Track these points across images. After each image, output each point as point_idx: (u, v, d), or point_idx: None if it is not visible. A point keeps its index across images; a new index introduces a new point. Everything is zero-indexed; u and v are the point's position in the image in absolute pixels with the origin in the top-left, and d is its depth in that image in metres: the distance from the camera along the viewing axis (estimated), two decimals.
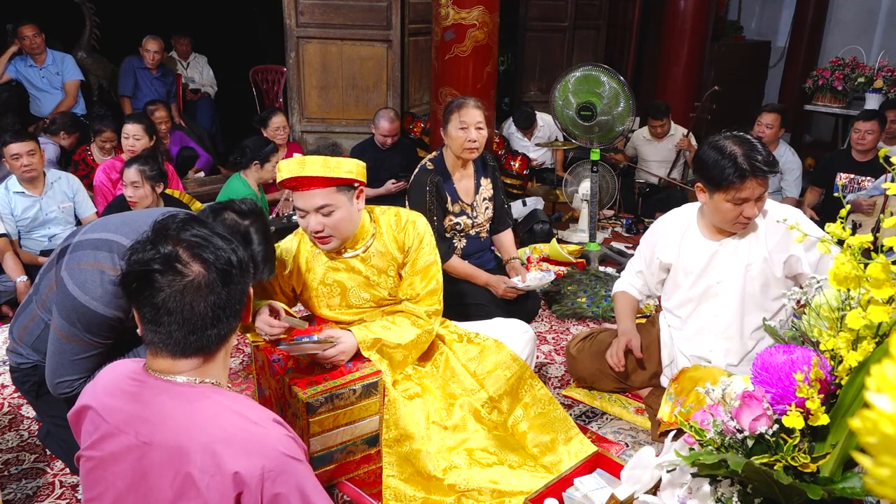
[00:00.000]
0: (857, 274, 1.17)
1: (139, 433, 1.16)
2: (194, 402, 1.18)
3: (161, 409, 1.17)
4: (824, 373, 1.26)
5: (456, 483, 1.93)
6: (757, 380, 1.34)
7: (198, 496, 1.12)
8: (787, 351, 1.33)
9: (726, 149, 2.08)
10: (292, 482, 1.15)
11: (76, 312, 1.76)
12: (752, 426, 1.29)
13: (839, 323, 1.29)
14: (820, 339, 1.33)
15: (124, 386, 1.22)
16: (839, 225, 1.25)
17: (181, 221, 1.22)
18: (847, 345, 1.25)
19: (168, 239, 1.18)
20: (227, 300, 1.19)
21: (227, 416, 1.17)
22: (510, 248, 3.17)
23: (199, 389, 1.20)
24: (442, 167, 2.95)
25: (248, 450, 1.13)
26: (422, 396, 2.12)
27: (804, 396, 1.24)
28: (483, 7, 4.26)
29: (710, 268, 2.27)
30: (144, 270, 1.15)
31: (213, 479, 1.11)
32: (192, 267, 1.16)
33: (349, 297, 2.19)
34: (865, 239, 1.20)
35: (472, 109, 2.86)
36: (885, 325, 1.21)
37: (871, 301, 1.18)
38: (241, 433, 1.15)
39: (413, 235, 2.18)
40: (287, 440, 1.18)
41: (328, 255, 2.17)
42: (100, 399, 1.23)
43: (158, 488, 1.14)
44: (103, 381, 1.26)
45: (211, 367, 1.23)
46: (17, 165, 3.43)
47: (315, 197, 1.98)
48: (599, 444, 2.27)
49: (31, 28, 4.90)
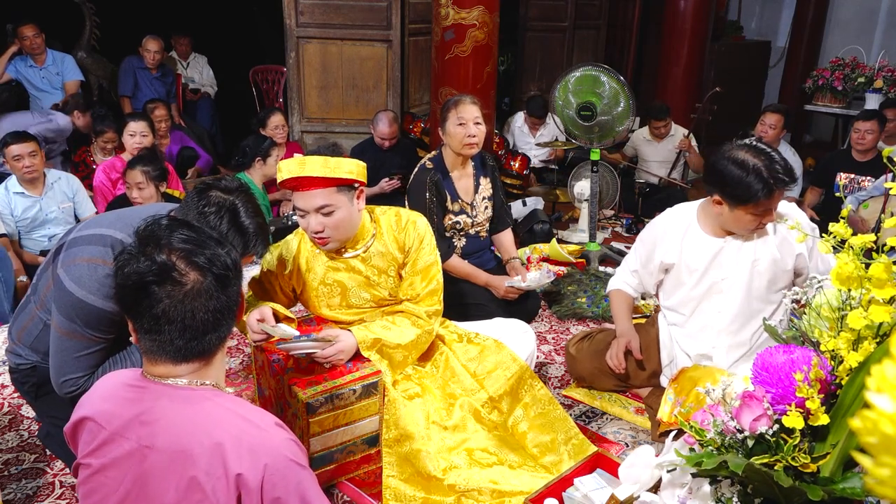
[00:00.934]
0: (858, 274, 1.17)
1: (140, 437, 1.15)
2: (196, 405, 1.17)
3: (163, 412, 1.16)
4: (824, 373, 1.26)
5: (456, 483, 1.93)
6: (757, 380, 1.34)
7: (204, 499, 1.12)
8: (787, 351, 1.33)
9: (748, 163, 2.04)
10: (293, 487, 1.15)
11: (74, 308, 1.76)
12: (752, 426, 1.29)
13: (840, 323, 1.29)
14: (820, 340, 1.33)
15: (123, 392, 1.21)
16: (842, 224, 1.25)
17: (168, 227, 1.20)
18: (848, 345, 1.25)
19: (160, 248, 1.16)
20: (226, 303, 1.19)
21: (230, 418, 1.16)
22: (510, 248, 3.17)
23: (199, 392, 1.20)
24: (441, 166, 2.95)
25: (251, 452, 1.13)
26: (422, 396, 2.12)
27: (804, 396, 1.24)
28: (483, 7, 4.26)
29: (716, 265, 2.27)
30: (141, 283, 1.13)
31: (219, 482, 1.11)
32: (189, 275, 1.15)
33: (349, 297, 2.19)
34: (867, 239, 1.20)
35: (469, 105, 2.86)
36: (885, 325, 1.21)
37: (872, 301, 1.18)
38: (244, 436, 1.14)
39: (413, 236, 2.18)
40: (290, 444, 1.18)
41: (328, 255, 2.16)
42: (97, 407, 1.22)
43: (161, 492, 1.14)
44: (100, 391, 1.25)
45: (210, 370, 1.23)
46: (18, 166, 3.43)
47: (315, 197, 1.97)
48: (599, 444, 2.27)
49: (32, 28, 4.90)
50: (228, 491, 1.11)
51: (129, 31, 5.62)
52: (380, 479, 2.00)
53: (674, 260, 2.35)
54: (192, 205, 1.78)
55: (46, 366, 1.96)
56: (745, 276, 2.23)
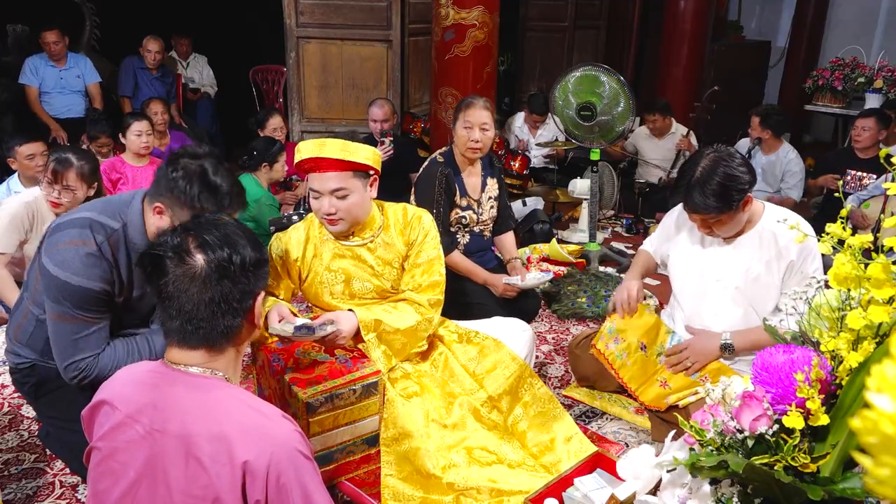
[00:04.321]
0: (857, 274, 1.17)
1: (152, 421, 1.19)
2: (208, 393, 1.22)
3: (176, 398, 1.20)
4: (825, 373, 1.26)
5: (455, 482, 1.93)
6: (757, 380, 1.34)
7: (209, 485, 1.14)
8: (787, 351, 1.33)
9: (686, 172, 2.19)
10: (296, 476, 1.17)
11: (60, 291, 1.78)
12: (752, 426, 1.29)
13: (839, 323, 1.29)
14: (820, 340, 1.33)
15: (142, 377, 1.26)
16: (839, 225, 1.25)
17: (212, 220, 1.32)
18: (848, 345, 1.24)
19: (189, 230, 1.26)
20: (222, 296, 1.23)
21: (240, 407, 1.21)
22: (511, 249, 3.19)
23: (211, 381, 1.24)
24: (451, 162, 3.00)
25: (258, 441, 1.16)
26: (420, 395, 2.12)
27: (804, 396, 1.24)
28: (483, 7, 4.26)
29: (711, 266, 2.28)
30: (158, 254, 1.23)
31: (224, 468, 1.14)
32: (194, 258, 1.22)
33: (353, 286, 2.20)
34: (866, 239, 1.20)
35: (479, 110, 2.88)
36: (885, 326, 1.21)
37: (871, 301, 1.18)
38: (253, 424, 1.18)
39: (419, 230, 2.21)
40: (297, 435, 1.21)
41: (336, 242, 2.18)
42: (115, 391, 1.27)
43: (171, 477, 1.17)
44: (122, 377, 1.30)
45: (220, 362, 1.27)
46: (31, 165, 3.49)
47: (331, 180, 2.01)
48: (599, 444, 2.27)
49: (54, 34, 4.90)
50: (233, 478, 1.14)
51: (129, 31, 5.62)
52: (379, 479, 2.00)
53: (673, 251, 2.39)
54: (162, 174, 1.80)
55: (45, 364, 1.96)
56: (739, 280, 2.24)
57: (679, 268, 2.40)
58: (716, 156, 2.13)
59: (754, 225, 2.23)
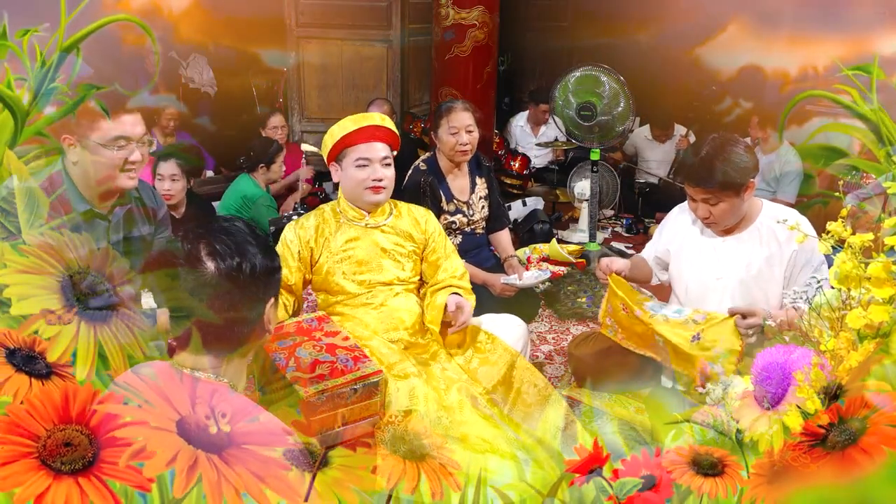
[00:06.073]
0: (857, 273, 1.17)
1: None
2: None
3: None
4: (825, 373, 1.26)
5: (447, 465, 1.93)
6: (757, 380, 1.34)
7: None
8: (787, 351, 1.34)
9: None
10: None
11: None
12: (752, 426, 1.29)
13: (840, 323, 1.29)
14: (820, 340, 1.33)
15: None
16: (840, 224, 1.25)
17: (224, 226, 1.29)
18: (848, 345, 1.24)
19: (201, 236, 1.26)
20: (231, 303, 1.24)
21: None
22: (508, 247, 3.19)
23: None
24: (435, 168, 2.99)
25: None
26: (418, 377, 2.14)
27: (804, 396, 1.24)
28: (483, 7, 4.27)
29: (711, 262, 2.28)
30: (171, 257, 1.25)
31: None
32: (205, 264, 1.23)
33: (363, 267, 2.25)
34: (866, 238, 1.20)
35: (460, 113, 2.89)
36: (885, 325, 1.21)
37: (871, 301, 1.18)
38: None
39: (434, 224, 2.37)
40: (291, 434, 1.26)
41: (351, 225, 2.27)
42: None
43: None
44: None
45: (227, 368, 1.28)
46: None
47: (382, 150, 2.24)
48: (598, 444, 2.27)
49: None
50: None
51: None
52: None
53: (674, 251, 2.39)
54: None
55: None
56: (741, 276, 2.23)
57: (679, 267, 2.40)
58: (722, 138, 2.15)
59: (752, 221, 2.23)
